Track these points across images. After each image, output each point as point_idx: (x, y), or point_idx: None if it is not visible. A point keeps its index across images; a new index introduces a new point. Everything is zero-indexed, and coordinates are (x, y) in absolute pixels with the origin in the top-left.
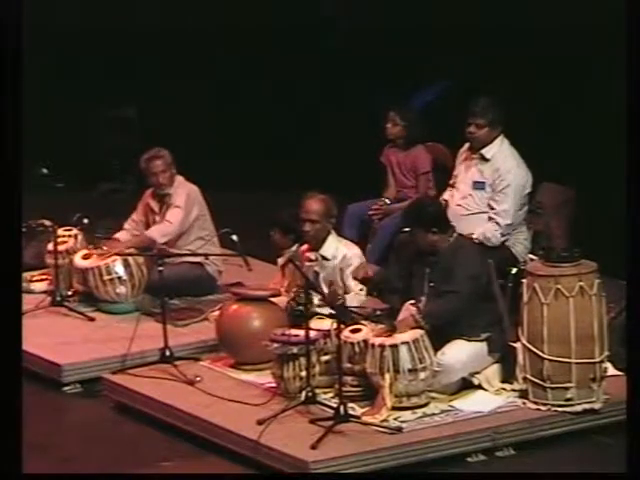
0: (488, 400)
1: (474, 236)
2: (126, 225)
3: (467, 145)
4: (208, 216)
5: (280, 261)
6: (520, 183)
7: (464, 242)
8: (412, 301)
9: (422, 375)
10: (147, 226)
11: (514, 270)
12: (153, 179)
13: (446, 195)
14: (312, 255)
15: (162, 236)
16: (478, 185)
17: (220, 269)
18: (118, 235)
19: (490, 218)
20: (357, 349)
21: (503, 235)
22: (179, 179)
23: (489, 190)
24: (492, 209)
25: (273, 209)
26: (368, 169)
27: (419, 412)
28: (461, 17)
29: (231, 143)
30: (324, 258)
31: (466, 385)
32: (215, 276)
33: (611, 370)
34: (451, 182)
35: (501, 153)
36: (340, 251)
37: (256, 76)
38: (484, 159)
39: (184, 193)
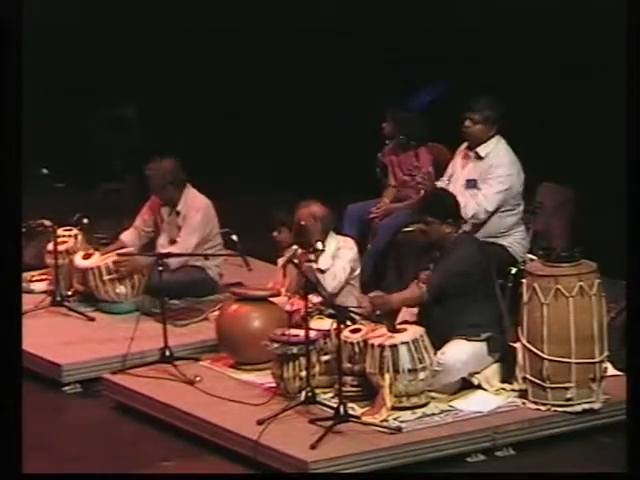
0: (488, 400)
1: None
2: (136, 223)
3: (464, 145)
4: (216, 228)
5: (281, 261)
6: (511, 179)
7: (467, 237)
8: None
9: (422, 375)
10: (156, 227)
11: (514, 270)
12: (154, 194)
13: None
14: (312, 255)
15: (178, 262)
16: (470, 183)
17: (221, 272)
18: (123, 236)
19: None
20: (357, 349)
21: (477, 216)
22: (191, 192)
23: (480, 186)
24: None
25: (273, 209)
26: (368, 169)
27: (419, 412)
28: (461, 17)
29: (231, 143)
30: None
31: (466, 385)
32: (216, 279)
33: (611, 370)
34: (445, 180)
35: (496, 152)
36: (336, 248)
37: (256, 76)
38: (479, 157)
39: (200, 214)
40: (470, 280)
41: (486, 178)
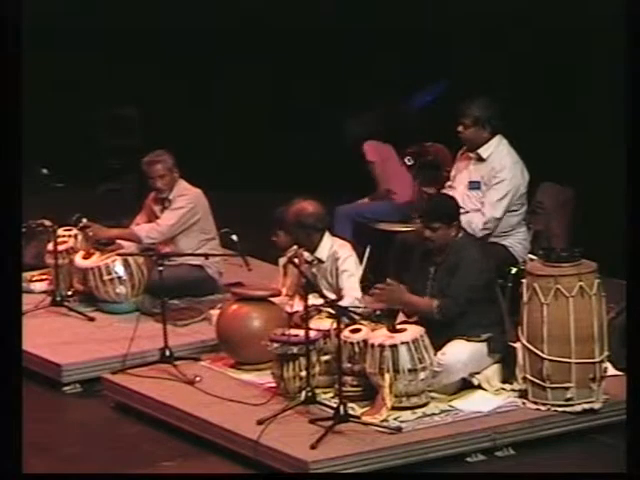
0: (488, 400)
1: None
2: (132, 227)
3: (465, 147)
4: (211, 219)
5: (281, 261)
6: (514, 181)
7: (469, 243)
8: None
9: (422, 375)
10: None
11: (514, 270)
12: (152, 183)
13: None
14: (308, 257)
15: (147, 236)
16: (474, 185)
17: (221, 270)
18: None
19: (479, 210)
20: (357, 349)
21: (486, 227)
22: (182, 184)
23: (484, 189)
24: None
25: (273, 209)
26: (367, 168)
27: (419, 412)
28: (461, 17)
29: (231, 143)
30: (320, 261)
31: (466, 385)
32: (215, 277)
33: (611, 370)
34: (449, 183)
35: (498, 153)
36: (333, 251)
37: (256, 76)
38: (481, 159)
39: (185, 199)
40: (482, 287)
41: (489, 183)
